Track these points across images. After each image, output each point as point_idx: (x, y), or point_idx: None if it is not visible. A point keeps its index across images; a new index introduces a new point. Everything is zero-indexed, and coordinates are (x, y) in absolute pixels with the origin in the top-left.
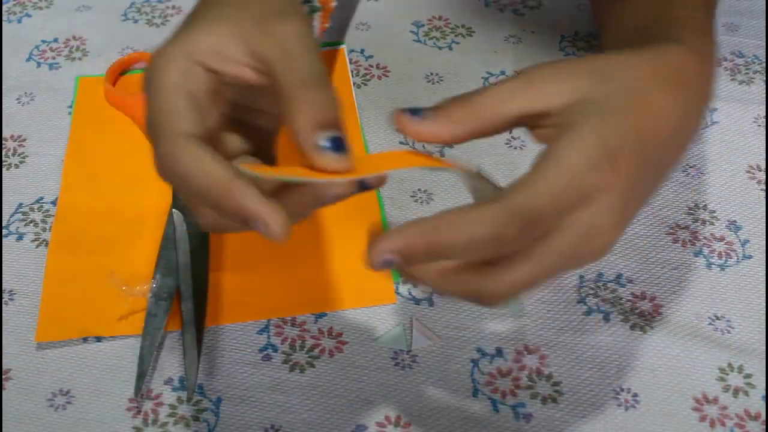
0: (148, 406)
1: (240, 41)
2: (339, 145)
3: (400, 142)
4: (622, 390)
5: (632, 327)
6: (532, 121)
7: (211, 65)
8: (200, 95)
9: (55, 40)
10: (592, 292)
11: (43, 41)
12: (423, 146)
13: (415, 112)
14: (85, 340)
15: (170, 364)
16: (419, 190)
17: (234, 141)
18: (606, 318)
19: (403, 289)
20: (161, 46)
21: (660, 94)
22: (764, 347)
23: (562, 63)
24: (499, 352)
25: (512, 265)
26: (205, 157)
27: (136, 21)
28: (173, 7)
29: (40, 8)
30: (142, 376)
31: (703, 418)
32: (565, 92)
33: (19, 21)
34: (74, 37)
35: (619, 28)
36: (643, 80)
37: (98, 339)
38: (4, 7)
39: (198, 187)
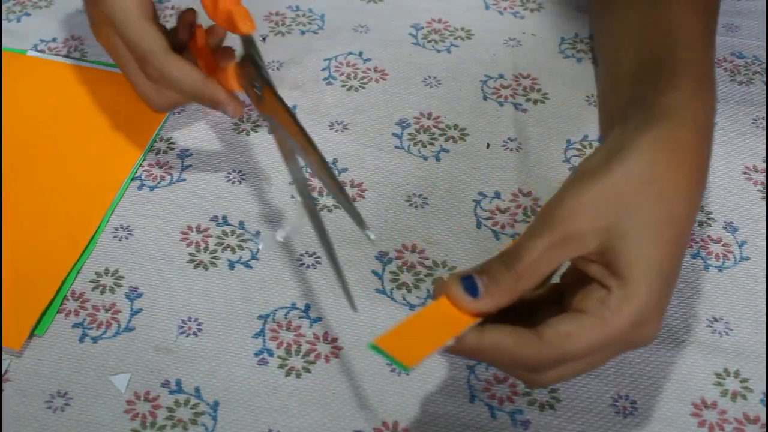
0: (145, 408)
1: None
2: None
3: (395, 146)
4: (620, 397)
5: None
6: None
7: None
8: (155, 20)
9: (54, 40)
10: None
11: (42, 40)
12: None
13: (471, 289)
14: (81, 340)
15: (168, 365)
16: (414, 194)
17: None
18: None
19: (397, 294)
20: None
21: (674, 178)
22: (763, 349)
23: (588, 198)
24: None
25: (567, 365)
26: (187, 66)
27: None
28: (172, 7)
29: (40, 8)
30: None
31: (701, 424)
32: (598, 235)
33: (19, 20)
34: (73, 37)
35: (617, 68)
36: (658, 166)
37: (94, 341)
38: (4, 7)
39: (186, 88)
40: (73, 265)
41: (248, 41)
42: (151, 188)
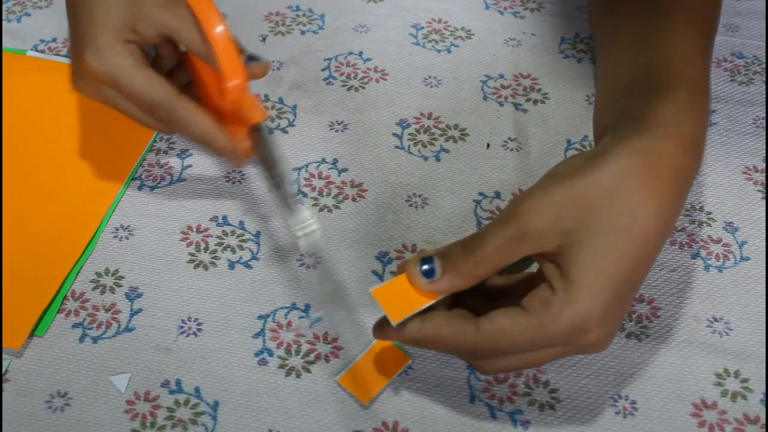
0: (145, 408)
1: (149, 21)
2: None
3: (395, 146)
4: (620, 397)
5: (627, 336)
6: None
7: (133, 39)
8: (141, 59)
9: (54, 40)
10: None
11: (42, 41)
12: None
13: (428, 272)
14: (81, 340)
15: (168, 365)
16: (414, 194)
17: None
18: None
19: None
20: (83, 44)
21: (643, 191)
22: (763, 349)
23: (553, 199)
24: None
25: (507, 357)
26: (196, 110)
27: None
28: None
29: (40, 8)
30: None
31: (701, 424)
32: (557, 237)
33: (19, 20)
34: None
35: (614, 79)
36: (629, 177)
37: (94, 341)
38: (4, 7)
39: (197, 132)
40: (73, 265)
41: (258, 129)
42: (152, 188)
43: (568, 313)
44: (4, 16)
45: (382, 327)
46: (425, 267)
